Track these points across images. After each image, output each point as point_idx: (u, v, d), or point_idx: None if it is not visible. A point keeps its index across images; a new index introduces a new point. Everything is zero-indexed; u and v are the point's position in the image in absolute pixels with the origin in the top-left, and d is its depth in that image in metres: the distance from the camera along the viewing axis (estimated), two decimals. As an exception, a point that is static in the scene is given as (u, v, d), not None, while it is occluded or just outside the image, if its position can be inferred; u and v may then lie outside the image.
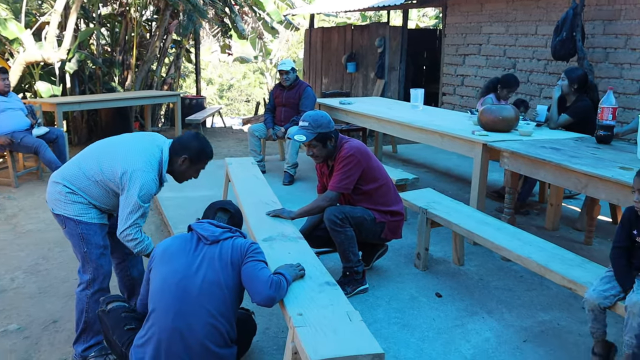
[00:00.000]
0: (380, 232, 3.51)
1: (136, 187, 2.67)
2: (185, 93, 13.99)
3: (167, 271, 2.36)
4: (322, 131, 3.37)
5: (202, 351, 2.27)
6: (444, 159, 7.32)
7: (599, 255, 4.00)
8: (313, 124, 3.37)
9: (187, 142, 2.85)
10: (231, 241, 2.45)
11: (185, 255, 2.39)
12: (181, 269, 2.34)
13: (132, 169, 2.69)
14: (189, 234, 2.51)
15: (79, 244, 2.81)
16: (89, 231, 2.81)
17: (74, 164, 2.84)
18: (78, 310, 2.87)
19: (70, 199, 2.77)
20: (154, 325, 2.29)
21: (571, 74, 4.71)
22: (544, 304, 3.40)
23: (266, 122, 6.40)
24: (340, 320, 2.23)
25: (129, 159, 2.72)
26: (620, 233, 2.59)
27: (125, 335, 2.43)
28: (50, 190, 2.82)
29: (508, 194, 4.14)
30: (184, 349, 2.25)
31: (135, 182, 2.68)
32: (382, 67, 10.18)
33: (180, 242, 2.46)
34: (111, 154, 2.78)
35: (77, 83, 8.98)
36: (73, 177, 2.79)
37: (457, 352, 2.88)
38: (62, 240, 4.54)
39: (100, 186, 2.78)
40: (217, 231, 2.46)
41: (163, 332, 2.26)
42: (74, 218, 2.78)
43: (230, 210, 2.66)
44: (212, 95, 22.80)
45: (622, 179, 3.06)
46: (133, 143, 2.83)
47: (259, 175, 4.52)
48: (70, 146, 7.58)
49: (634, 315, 2.33)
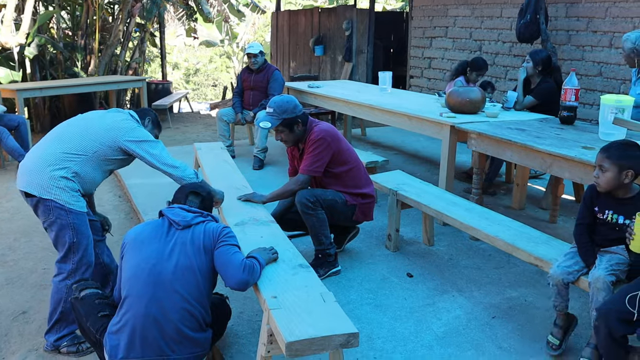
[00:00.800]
0: (352, 215, 3.54)
1: (144, 144, 2.91)
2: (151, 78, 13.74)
3: (139, 258, 2.34)
4: (287, 117, 3.37)
5: (177, 336, 2.26)
6: (412, 142, 7.39)
7: (564, 232, 4.13)
8: (278, 110, 3.37)
9: (143, 110, 3.18)
10: (203, 226, 2.44)
11: (157, 241, 2.37)
12: (153, 255, 2.32)
13: (128, 132, 2.88)
14: (160, 220, 2.48)
15: (68, 234, 2.76)
16: (79, 221, 2.79)
17: (54, 147, 2.79)
18: (55, 300, 2.83)
19: (62, 184, 2.72)
20: (127, 312, 2.28)
21: (535, 56, 4.80)
22: (512, 281, 3.50)
23: (234, 106, 6.35)
24: (314, 301, 2.26)
25: (121, 125, 2.90)
26: (583, 210, 2.67)
27: (99, 322, 2.41)
28: (36, 176, 2.72)
29: (476, 174, 4.22)
30: (159, 334, 2.24)
31: (142, 142, 2.90)
32: (350, 50, 10.17)
33: (151, 229, 2.44)
34: (98, 126, 2.87)
35: (38, 68, 8.72)
36: (61, 160, 2.75)
37: (428, 330, 2.95)
38: (29, 230, 4.45)
39: (92, 161, 2.81)
40: (189, 216, 2.45)
41: (137, 318, 2.25)
42: (66, 207, 2.73)
43: (201, 194, 2.65)
44: (178, 80, 22.42)
45: (585, 158, 3.15)
46: (109, 113, 2.99)
47: (228, 160, 4.50)
48: (33, 134, 7.39)
49: (597, 290, 2.41)
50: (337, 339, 2.04)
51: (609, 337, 2.28)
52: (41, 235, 4.31)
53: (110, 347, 2.28)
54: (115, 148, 2.89)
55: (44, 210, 2.74)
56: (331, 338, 2.03)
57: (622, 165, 2.45)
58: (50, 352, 2.85)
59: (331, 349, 2.08)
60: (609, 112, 3.48)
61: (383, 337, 2.87)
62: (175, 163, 2.98)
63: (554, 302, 2.67)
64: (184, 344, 2.29)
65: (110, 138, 2.86)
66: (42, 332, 2.93)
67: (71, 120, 2.99)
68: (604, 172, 2.50)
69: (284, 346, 1.99)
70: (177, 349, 2.27)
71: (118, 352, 2.26)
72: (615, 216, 2.55)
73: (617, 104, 3.45)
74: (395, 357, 2.70)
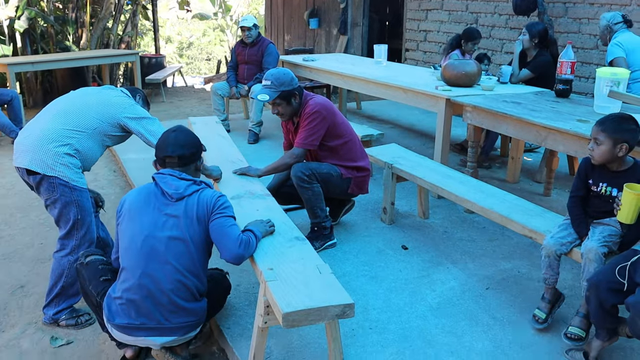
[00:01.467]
0: (347, 188, 3.55)
1: (143, 121, 2.95)
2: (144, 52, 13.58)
3: (133, 229, 2.35)
4: (285, 89, 3.35)
5: (171, 306, 2.31)
6: (407, 115, 7.37)
7: (558, 205, 4.16)
8: (276, 82, 3.34)
9: (133, 88, 3.20)
10: (197, 195, 2.41)
11: (151, 211, 2.36)
12: (146, 227, 2.33)
13: (127, 108, 2.93)
14: (153, 186, 2.44)
15: (73, 211, 2.77)
16: (82, 197, 2.80)
17: (55, 124, 2.77)
18: (56, 275, 2.85)
19: (66, 161, 2.72)
20: (124, 283, 2.33)
21: (532, 28, 4.76)
22: (506, 253, 3.53)
23: (229, 80, 6.30)
24: (310, 273, 2.28)
25: (119, 102, 2.93)
26: (577, 183, 2.69)
27: (100, 285, 2.46)
28: (39, 153, 2.70)
29: (471, 147, 4.23)
30: (152, 305, 2.29)
31: (141, 119, 2.94)
32: (345, 23, 10.07)
33: (145, 197, 2.40)
34: (96, 102, 2.88)
35: (29, 42, 8.60)
36: (63, 136, 2.75)
37: (423, 301, 2.99)
38: (24, 205, 4.45)
39: (92, 137, 2.83)
40: (181, 186, 2.40)
41: (132, 289, 2.29)
42: (71, 184, 2.73)
43: (175, 156, 2.48)
44: (171, 54, 22.19)
45: (579, 131, 3.16)
46: (105, 90, 3.01)
47: (224, 134, 4.48)
48: (26, 109, 7.33)
49: (589, 261, 2.45)
50: (333, 309, 2.07)
51: (600, 307, 2.32)
52: (37, 211, 4.31)
53: (108, 311, 2.34)
54: (115, 124, 2.90)
55: (48, 188, 2.73)
56: (327, 309, 2.06)
57: (617, 138, 2.46)
58: (49, 324, 2.88)
59: (327, 320, 2.11)
60: (605, 85, 3.48)
61: (378, 308, 2.91)
62: None
63: (544, 275, 2.70)
64: (178, 314, 2.33)
65: (110, 114, 2.88)
66: (41, 306, 2.96)
67: (67, 97, 2.97)
68: (598, 145, 2.51)
69: (280, 317, 2.02)
70: (171, 318, 2.32)
71: (115, 317, 2.32)
72: (609, 189, 2.56)
73: (612, 76, 3.45)
74: (390, 327, 2.74)
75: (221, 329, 2.74)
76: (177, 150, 2.49)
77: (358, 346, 2.59)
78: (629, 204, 2.33)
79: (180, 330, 2.35)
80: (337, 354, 2.39)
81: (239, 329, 2.73)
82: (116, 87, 3.25)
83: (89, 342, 2.80)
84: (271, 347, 2.57)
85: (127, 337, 2.34)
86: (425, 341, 2.64)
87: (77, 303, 2.95)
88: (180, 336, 2.37)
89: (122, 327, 2.32)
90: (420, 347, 2.60)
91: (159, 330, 2.32)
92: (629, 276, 2.26)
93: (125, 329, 2.32)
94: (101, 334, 2.80)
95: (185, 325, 2.36)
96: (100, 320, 2.54)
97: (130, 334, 2.32)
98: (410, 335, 2.68)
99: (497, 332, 2.72)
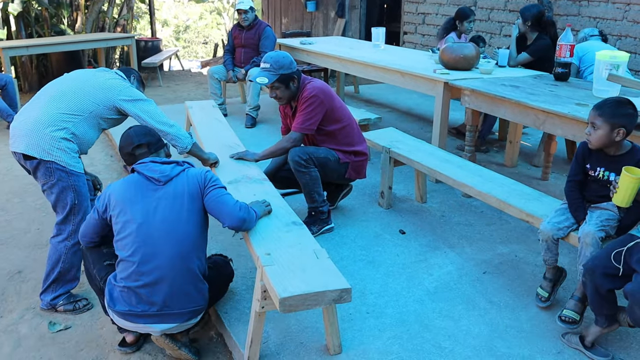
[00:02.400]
0: (345, 172, 3.54)
1: (139, 103, 2.89)
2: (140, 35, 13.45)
3: (125, 221, 2.33)
4: (284, 72, 3.32)
5: (173, 291, 2.30)
6: (405, 99, 7.34)
7: (555, 189, 4.16)
8: (275, 65, 3.30)
9: (127, 68, 3.17)
10: (184, 174, 2.42)
11: (141, 199, 2.34)
12: (139, 215, 2.32)
13: (123, 91, 2.88)
14: (136, 176, 2.42)
15: (70, 196, 2.76)
16: (80, 182, 2.79)
17: (51, 108, 2.75)
18: (53, 260, 2.85)
19: (63, 146, 2.70)
20: (123, 272, 2.32)
21: (525, 11, 4.74)
22: (503, 238, 3.54)
23: (226, 63, 6.25)
24: (307, 258, 2.28)
25: (114, 84, 2.89)
26: (575, 167, 2.68)
27: (103, 270, 2.47)
28: (35, 137, 2.68)
29: (469, 131, 4.21)
30: (154, 291, 2.28)
31: (137, 101, 2.89)
32: (343, 6, 9.97)
33: (133, 187, 2.38)
34: (92, 85, 2.85)
35: (23, 26, 8.49)
36: (59, 120, 2.72)
37: (420, 286, 2.99)
38: (20, 190, 4.44)
39: (89, 120, 2.81)
40: (167, 169, 2.40)
41: (132, 276, 2.29)
42: (68, 169, 2.72)
43: (143, 143, 2.53)
44: (168, 38, 22.00)
45: (578, 115, 3.14)
46: (99, 72, 2.96)
47: (220, 119, 4.46)
48: (21, 93, 7.28)
49: (586, 245, 2.45)
50: (330, 294, 2.07)
51: (596, 292, 2.33)
52: (33, 196, 4.30)
53: (109, 297, 2.34)
54: (111, 107, 2.88)
55: (45, 172, 2.71)
56: (324, 294, 2.06)
57: (614, 123, 2.44)
58: (46, 310, 2.89)
59: (324, 305, 2.11)
60: (604, 68, 3.45)
61: (376, 293, 2.92)
62: (171, 122, 2.97)
63: (544, 257, 2.71)
64: (180, 300, 2.33)
65: (105, 98, 2.85)
66: (39, 291, 2.95)
67: (61, 80, 2.94)
68: (595, 130, 2.50)
69: (277, 302, 2.02)
70: (173, 304, 2.31)
71: (116, 303, 2.32)
72: (607, 173, 2.56)
73: (611, 60, 3.42)
74: (387, 311, 2.75)
75: (219, 314, 2.75)
76: (142, 138, 2.55)
77: (355, 330, 2.60)
78: (626, 187, 2.32)
79: (181, 317, 2.35)
80: (334, 338, 2.40)
81: (236, 313, 2.74)
82: (111, 69, 3.22)
83: (87, 327, 2.80)
84: (268, 331, 2.58)
85: (128, 323, 2.35)
86: (423, 325, 2.65)
87: (75, 288, 2.95)
88: (181, 323, 2.37)
89: (123, 314, 2.32)
90: (417, 331, 2.61)
91: (160, 317, 2.32)
92: (625, 261, 2.26)
93: (127, 316, 2.32)
94: (99, 319, 2.81)
95: (187, 312, 2.36)
96: (103, 303, 2.54)
97: (132, 320, 2.33)
98: (408, 320, 2.69)
99: (493, 316, 2.73)
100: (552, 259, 2.70)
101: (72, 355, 2.61)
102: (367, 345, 2.50)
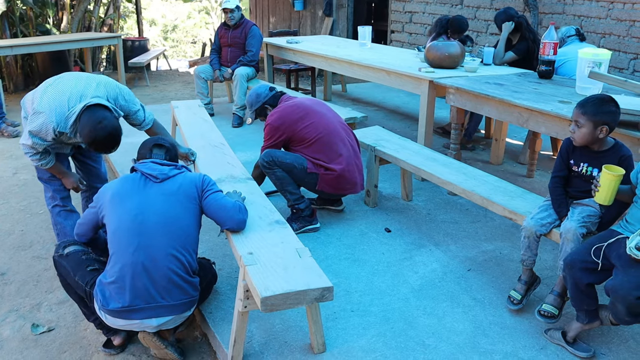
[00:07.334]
0: (315, 184, 3.46)
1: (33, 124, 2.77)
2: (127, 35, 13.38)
3: (120, 212, 2.35)
4: (256, 108, 3.65)
5: (166, 283, 2.30)
6: (393, 97, 7.35)
7: (540, 186, 4.18)
8: (248, 106, 3.69)
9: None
10: (180, 176, 2.47)
11: (137, 194, 2.38)
12: (134, 207, 2.34)
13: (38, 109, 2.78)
14: (134, 174, 2.47)
15: None
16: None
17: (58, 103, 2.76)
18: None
19: None
20: (116, 264, 2.31)
21: (495, 18, 4.82)
22: (488, 235, 3.55)
23: (212, 63, 6.23)
24: (290, 257, 2.27)
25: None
26: (559, 163, 2.70)
27: (88, 275, 2.43)
28: None
29: (454, 129, 4.23)
30: (148, 281, 2.28)
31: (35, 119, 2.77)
32: (330, 5, 9.96)
33: (129, 184, 2.43)
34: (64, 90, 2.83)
35: (7, 25, 8.41)
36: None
37: (405, 283, 3.00)
38: (5, 192, 4.40)
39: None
40: (165, 169, 2.46)
41: (126, 267, 2.28)
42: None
43: (165, 145, 2.63)
44: (155, 37, 21.88)
45: (561, 113, 3.16)
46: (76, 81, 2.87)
47: (206, 118, 4.44)
48: (6, 94, 7.21)
49: (567, 241, 2.46)
50: (311, 293, 2.07)
51: (576, 287, 2.35)
52: (18, 197, 4.26)
53: (102, 297, 2.31)
54: None
55: None
56: (306, 292, 2.06)
57: (597, 121, 2.46)
58: (29, 311, 2.86)
59: (306, 304, 2.11)
60: (586, 66, 3.48)
61: (360, 291, 2.92)
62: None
63: (523, 256, 2.71)
64: (173, 291, 2.33)
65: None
66: (22, 293, 2.93)
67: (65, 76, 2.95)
68: (579, 128, 2.51)
69: (259, 301, 2.02)
70: (167, 295, 2.31)
71: (109, 302, 2.30)
72: (590, 169, 2.58)
73: (594, 57, 3.45)
74: (372, 310, 2.75)
75: (203, 314, 2.74)
76: (166, 142, 2.65)
77: (340, 329, 2.60)
78: (607, 185, 2.33)
79: (176, 308, 2.35)
80: (318, 337, 2.40)
81: (221, 313, 2.73)
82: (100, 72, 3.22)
83: (71, 329, 2.78)
84: (252, 331, 2.57)
85: (122, 321, 2.33)
86: (407, 323, 2.66)
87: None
88: (177, 314, 2.37)
89: (117, 312, 2.30)
90: (401, 328, 2.61)
91: (155, 310, 2.31)
92: (604, 256, 2.28)
93: (121, 313, 2.30)
94: (83, 321, 2.79)
95: (181, 304, 2.36)
96: (84, 311, 2.54)
97: (126, 317, 2.30)
98: (392, 317, 2.69)
99: (477, 313, 2.74)
100: (530, 259, 2.70)
101: (55, 357, 2.59)
102: (351, 343, 2.51)
